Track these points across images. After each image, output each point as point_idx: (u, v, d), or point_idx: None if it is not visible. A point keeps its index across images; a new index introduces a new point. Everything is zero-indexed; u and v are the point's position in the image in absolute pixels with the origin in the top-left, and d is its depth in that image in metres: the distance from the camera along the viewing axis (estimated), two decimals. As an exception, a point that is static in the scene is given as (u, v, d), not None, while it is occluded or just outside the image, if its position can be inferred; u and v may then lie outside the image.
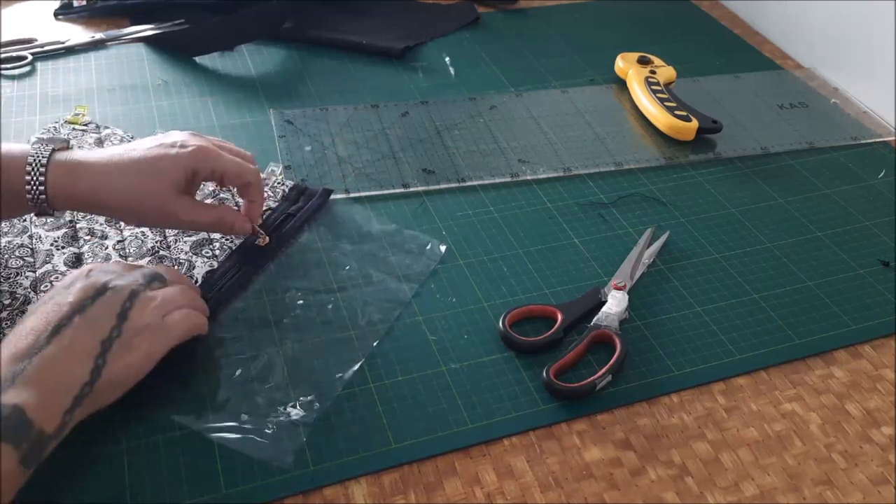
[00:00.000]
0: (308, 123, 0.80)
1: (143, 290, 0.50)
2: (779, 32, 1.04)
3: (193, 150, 0.57)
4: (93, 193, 0.56)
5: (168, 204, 0.57)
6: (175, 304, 0.52)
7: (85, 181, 0.55)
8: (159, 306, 0.50)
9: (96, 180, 0.56)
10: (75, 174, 0.55)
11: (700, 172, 0.78)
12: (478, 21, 1.04)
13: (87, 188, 0.56)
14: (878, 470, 0.52)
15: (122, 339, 0.47)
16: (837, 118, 0.88)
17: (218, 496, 0.47)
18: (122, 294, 0.49)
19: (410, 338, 0.58)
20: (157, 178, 0.56)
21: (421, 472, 0.50)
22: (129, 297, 0.49)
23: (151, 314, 0.49)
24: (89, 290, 0.48)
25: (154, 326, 0.49)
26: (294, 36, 0.96)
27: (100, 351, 0.46)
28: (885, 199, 0.76)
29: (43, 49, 0.88)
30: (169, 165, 0.57)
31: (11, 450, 0.40)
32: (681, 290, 0.64)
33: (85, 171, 0.56)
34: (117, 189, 0.56)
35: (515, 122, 0.83)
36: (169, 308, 0.51)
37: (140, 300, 0.50)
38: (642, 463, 0.51)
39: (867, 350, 0.61)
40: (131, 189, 0.56)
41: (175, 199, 0.57)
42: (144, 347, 0.48)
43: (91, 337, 0.46)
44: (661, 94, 0.85)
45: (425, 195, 0.72)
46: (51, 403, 0.43)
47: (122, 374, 0.47)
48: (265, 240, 0.63)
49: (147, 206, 0.57)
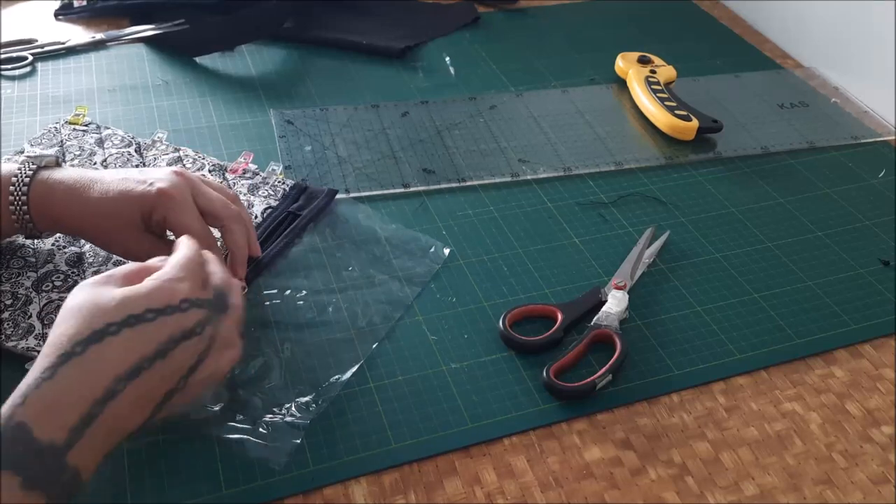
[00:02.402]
0: (308, 123, 0.80)
1: (220, 335, 0.46)
2: (779, 32, 1.04)
3: (155, 193, 0.54)
4: (64, 215, 0.56)
5: (124, 238, 0.56)
6: (231, 343, 0.48)
7: (57, 202, 0.55)
8: (226, 356, 0.47)
9: (66, 201, 0.55)
10: (51, 194, 0.55)
11: (700, 172, 0.78)
12: (478, 21, 1.04)
13: (59, 209, 0.55)
14: (879, 469, 0.52)
15: (183, 392, 0.45)
16: (838, 117, 0.88)
17: (218, 496, 0.47)
18: (202, 344, 0.45)
19: (410, 338, 0.58)
20: (114, 210, 0.55)
21: (421, 471, 0.50)
22: (206, 348, 0.45)
23: (217, 367, 0.46)
24: (179, 330, 0.44)
25: (213, 373, 0.46)
26: (294, 36, 0.96)
27: (160, 401, 0.44)
28: (885, 199, 0.76)
29: (43, 49, 0.88)
30: (126, 201, 0.55)
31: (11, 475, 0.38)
32: (681, 289, 0.64)
33: (59, 191, 0.55)
34: (81, 214, 0.55)
35: (515, 122, 0.83)
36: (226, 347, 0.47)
37: (213, 352, 0.46)
38: (642, 462, 0.52)
39: (867, 349, 0.61)
40: (92, 218, 0.55)
41: (130, 235, 0.55)
42: (196, 394, 0.46)
43: (159, 387, 0.43)
44: (661, 94, 0.85)
45: (425, 195, 0.72)
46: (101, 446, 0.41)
47: (167, 415, 0.46)
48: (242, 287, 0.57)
49: (107, 236, 0.56)
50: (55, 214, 0.56)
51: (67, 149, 0.72)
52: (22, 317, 0.56)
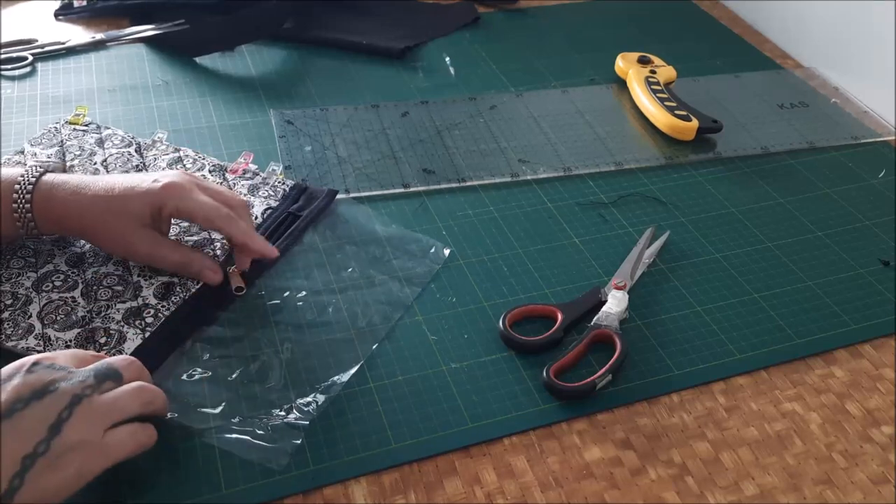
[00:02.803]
0: (308, 123, 0.80)
1: (89, 393, 0.43)
2: (779, 32, 1.04)
3: (163, 186, 0.56)
4: (66, 215, 0.57)
5: (128, 235, 0.57)
6: (123, 413, 0.45)
7: (59, 203, 0.56)
8: (102, 417, 0.43)
9: (68, 201, 0.56)
10: (55, 195, 0.56)
11: (700, 172, 0.78)
12: (478, 21, 1.04)
13: (61, 210, 0.56)
14: (879, 469, 0.52)
15: (48, 457, 0.40)
16: (837, 118, 0.88)
17: (218, 496, 0.47)
18: (61, 400, 0.42)
19: (410, 338, 0.58)
20: (121, 207, 0.56)
21: (421, 471, 0.50)
22: (69, 405, 0.42)
23: (90, 429, 0.42)
24: (26, 389, 0.41)
25: (90, 444, 0.42)
26: (294, 36, 0.96)
27: (18, 469, 0.39)
28: (885, 199, 0.76)
29: (43, 50, 0.88)
30: (134, 197, 0.56)
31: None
32: (681, 289, 0.64)
33: (61, 192, 0.56)
34: (83, 214, 0.56)
35: (515, 122, 0.83)
36: (114, 419, 0.44)
37: (81, 409, 0.42)
38: (642, 462, 0.52)
39: (867, 349, 0.61)
40: (96, 215, 0.56)
41: (135, 232, 0.57)
42: (74, 468, 0.41)
43: (12, 451, 0.40)
44: (661, 94, 0.85)
45: (425, 195, 0.72)
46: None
47: (41, 495, 0.40)
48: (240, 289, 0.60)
49: (110, 234, 0.57)
50: (59, 215, 0.57)
51: (67, 149, 0.72)
52: (22, 317, 0.56)
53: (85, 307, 0.57)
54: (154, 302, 0.58)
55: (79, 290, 0.58)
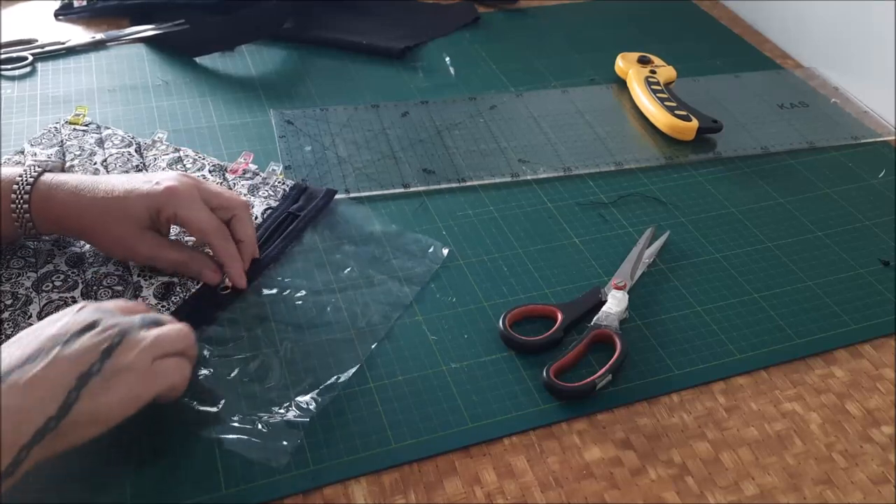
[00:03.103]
0: (308, 123, 0.80)
1: (135, 331, 0.47)
2: (779, 32, 1.04)
3: (164, 189, 0.56)
4: (65, 215, 0.57)
5: (128, 237, 0.57)
6: (169, 346, 0.48)
7: (58, 203, 0.56)
8: (149, 348, 0.46)
9: (68, 202, 0.56)
10: (52, 195, 0.56)
11: (700, 172, 0.78)
12: (478, 21, 1.04)
13: (60, 210, 0.56)
14: (879, 469, 0.52)
15: (102, 377, 0.43)
16: (837, 118, 0.88)
17: (218, 496, 0.47)
18: (111, 331, 0.45)
19: (410, 338, 0.58)
20: (121, 210, 0.56)
21: (421, 471, 0.50)
22: (119, 335, 0.45)
23: (139, 356, 0.45)
24: (75, 325, 0.45)
25: (139, 370, 0.45)
26: (294, 36, 0.96)
27: (74, 385, 0.42)
28: (885, 199, 0.76)
29: (43, 50, 0.88)
30: (134, 199, 0.56)
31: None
32: (681, 289, 0.64)
33: (61, 192, 0.56)
34: (82, 215, 0.56)
35: (515, 122, 0.83)
36: (161, 352, 0.47)
37: (130, 339, 0.46)
38: (642, 462, 0.52)
39: (867, 349, 0.61)
40: (96, 216, 0.56)
41: (135, 233, 0.57)
42: (124, 390, 0.44)
43: (69, 370, 0.43)
44: (661, 94, 0.85)
45: (425, 195, 0.72)
46: (7, 436, 0.40)
47: (95, 413, 0.43)
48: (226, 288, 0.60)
49: (109, 236, 0.57)
50: (57, 215, 0.57)
51: (67, 149, 0.72)
52: (22, 317, 0.56)
53: (85, 307, 0.57)
54: (154, 302, 0.58)
55: (79, 291, 0.58)
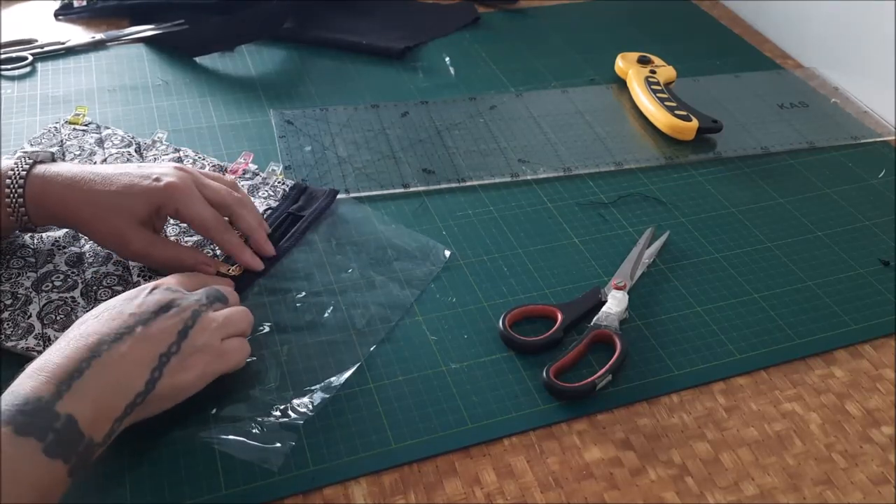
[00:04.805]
0: (308, 123, 0.80)
1: (205, 310, 0.50)
2: (779, 32, 1.04)
3: (164, 186, 0.56)
4: (61, 206, 0.56)
5: (124, 232, 0.57)
6: (236, 327, 0.52)
7: (55, 193, 0.56)
8: (220, 328, 0.50)
9: (64, 193, 0.56)
10: (47, 186, 0.56)
11: (700, 172, 0.78)
12: (478, 21, 1.04)
13: (57, 201, 0.56)
14: (879, 470, 0.52)
15: (180, 356, 0.47)
16: (837, 118, 0.88)
17: (218, 496, 0.47)
18: (185, 312, 0.49)
19: (410, 338, 0.58)
20: (119, 203, 0.56)
21: (421, 472, 0.50)
22: (192, 317, 0.49)
23: (211, 336, 0.50)
24: (153, 305, 0.48)
25: (212, 348, 0.49)
26: (294, 36, 0.96)
27: (157, 364, 0.46)
28: (885, 199, 0.76)
29: (43, 50, 0.88)
30: (133, 194, 0.56)
31: (61, 465, 0.41)
32: (681, 290, 0.64)
33: (57, 183, 0.56)
34: (80, 208, 0.56)
35: (515, 122, 0.83)
36: (229, 332, 0.51)
37: (203, 320, 0.50)
38: (642, 463, 0.52)
39: (867, 350, 0.61)
40: (93, 209, 0.56)
41: (131, 229, 0.57)
42: (200, 367, 0.49)
43: (151, 349, 0.46)
44: (661, 94, 0.85)
45: (425, 195, 0.72)
46: (104, 412, 0.43)
47: (174, 389, 0.47)
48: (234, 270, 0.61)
49: (105, 228, 0.57)
50: (52, 207, 0.56)
51: (67, 149, 0.72)
52: (22, 317, 0.56)
53: (85, 307, 0.57)
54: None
55: (78, 291, 0.58)
